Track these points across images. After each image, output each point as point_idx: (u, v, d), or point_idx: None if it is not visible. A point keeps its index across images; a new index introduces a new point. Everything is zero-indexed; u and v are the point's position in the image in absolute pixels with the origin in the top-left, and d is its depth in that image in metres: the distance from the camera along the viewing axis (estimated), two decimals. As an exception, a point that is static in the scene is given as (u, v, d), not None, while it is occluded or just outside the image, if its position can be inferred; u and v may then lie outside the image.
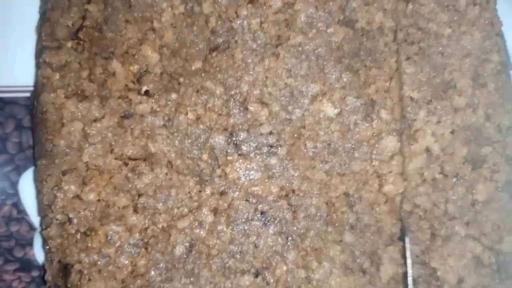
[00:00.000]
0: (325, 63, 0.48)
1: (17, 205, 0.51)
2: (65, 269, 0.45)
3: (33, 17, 0.53)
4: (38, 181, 0.45)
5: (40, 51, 0.50)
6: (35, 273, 0.51)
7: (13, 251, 0.51)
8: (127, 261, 0.45)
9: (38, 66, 0.49)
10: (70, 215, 0.44)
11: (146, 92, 0.47)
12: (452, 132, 0.48)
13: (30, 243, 0.51)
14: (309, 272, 0.46)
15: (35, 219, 0.51)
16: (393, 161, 0.48)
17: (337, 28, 0.49)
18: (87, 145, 0.45)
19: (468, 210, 0.47)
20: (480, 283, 0.46)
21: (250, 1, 0.48)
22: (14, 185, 0.51)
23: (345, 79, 0.48)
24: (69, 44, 0.46)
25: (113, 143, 0.46)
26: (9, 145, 0.52)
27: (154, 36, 0.48)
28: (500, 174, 0.48)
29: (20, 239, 0.51)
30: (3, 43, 0.52)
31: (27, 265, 0.51)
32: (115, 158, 0.46)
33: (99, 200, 0.45)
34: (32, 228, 0.51)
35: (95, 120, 0.46)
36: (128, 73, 0.47)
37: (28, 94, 0.52)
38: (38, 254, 0.51)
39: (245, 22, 0.48)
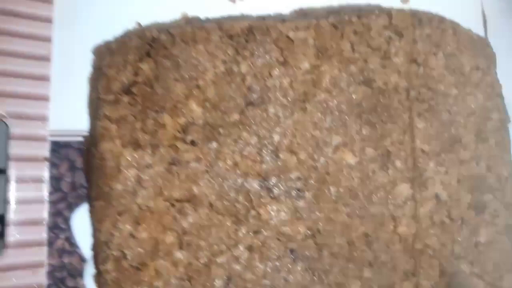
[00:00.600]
0: (346, 117, 0.55)
1: (69, 239, 0.56)
2: (118, 299, 0.50)
3: (86, 70, 0.59)
4: (96, 220, 0.51)
5: (94, 102, 0.57)
6: (84, 301, 0.56)
7: (65, 281, 0.56)
8: (173, 293, 0.50)
9: (95, 116, 0.55)
10: (126, 252, 0.50)
11: (192, 141, 0.54)
12: (458, 181, 0.55)
13: (81, 274, 0.56)
14: (333, 304, 0.52)
15: (85, 252, 0.56)
16: (406, 205, 0.54)
17: (357, 87, 0.55)
18: (140, 189, 0.51)
19: (472, 250, 0.53)
20: (483, 317, 0.53)
21: (282, 63, 0.55)
22: (67, 220, 0.57)
23: (364, 132, 0.55)
24: (126, 99, 0.53)
25: (162, 186, 0.52)
26: (63, 184, 0.57)
27: (198, 92, 0.54)
28: (500, 219, 0.54)
29: (71, 270, 0.56)
30: (60, 92, 0.58)
31: (77, 294, 0.56)
32: (164, 200, 0.52)
33: (150, 238, 0.51)
34: (82, 260, 0.56)
35: (147, 167, 0.52)
36: (176, 125, 0.53)
37: (80, 138, 0.58)
38: (88, 284, 0.56)
39: (277, 81, 0.55)
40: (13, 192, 0.56)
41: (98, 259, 0.51)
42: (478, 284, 0.53)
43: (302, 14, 0.59)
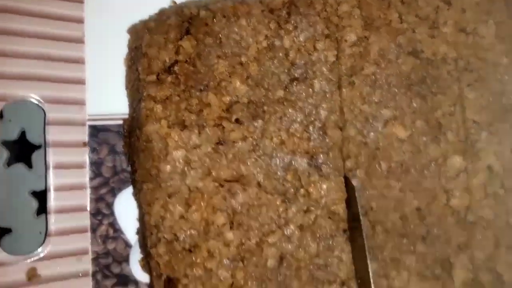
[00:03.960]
0: (396, 90, 0.53)
1: (113, 224, 0.55)
2: (170, 283, 0.49)
3: (122, 50, 0.57)
4: (145, 204, 0.50)
5: (133, 83, 0.55)
6: None
7: (110, 267, 0.55)
8: (227, 274, 0.49)
9: (135, 98, 0.53)
10: (178, 234, 0.49)
11: (237, 120, 0.52)
12: (511, 151, 0.53)
13: (126, 260, 0.55)
14: (389, 281, 0.51)
15: (130, 237, 0.55)
16: (459, 178, 0.53)
17: (406, 58, 0.54)
18: (189, 170, 0.50)
19: (529, 221, 0.53)
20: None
21: (326, 36, 0.53)
22: (110, 206, 0.55)
23: (414, 105, 0.53)
24: (169, 79, 0.51)
25: (210, 167, 0.51)
26: (104, 169, 0.56)
27: (241, 69, 0.53)
28: (556, 188, 0.53)
29: (117, 256, 0.55)
30: (96, 75, 0.57)
31: (124, 280, 0.54)
32: (213, 181, 0.50)
33: (201, 219, 0.50)
34: (127, 245, 0.55)
35: (195, 147, 0.50)
36: (221, 104, 0.52)
37: (119, 121, 0.56)
38: (134, 269, 0.55)
39: (322, 54, 0.53)
40: (53, 179, 0.54)
41: (147, 243, 0.50)
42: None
43: (343, -16, 0.57)
